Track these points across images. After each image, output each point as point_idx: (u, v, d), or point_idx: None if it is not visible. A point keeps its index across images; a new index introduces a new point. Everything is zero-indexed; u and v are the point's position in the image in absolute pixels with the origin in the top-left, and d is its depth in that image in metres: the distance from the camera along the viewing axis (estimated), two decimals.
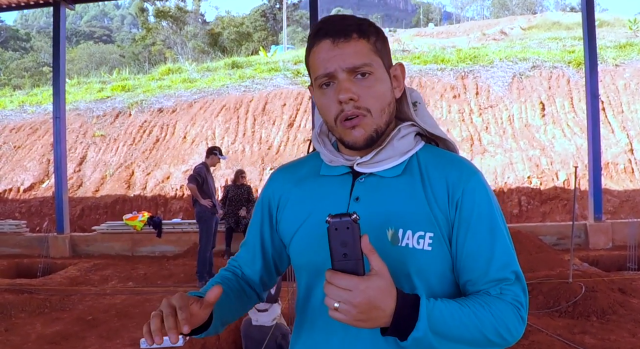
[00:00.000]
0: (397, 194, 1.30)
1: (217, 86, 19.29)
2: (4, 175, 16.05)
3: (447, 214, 1.28)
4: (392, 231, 1.26)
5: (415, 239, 1.25)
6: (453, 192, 1.29)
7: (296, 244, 1.38)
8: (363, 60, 1.27)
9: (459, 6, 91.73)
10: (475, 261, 1.27)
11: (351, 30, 1.28)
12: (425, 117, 1.41)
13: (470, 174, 1.31)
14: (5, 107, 20.65)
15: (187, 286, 8.32)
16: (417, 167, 1.33)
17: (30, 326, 6.41)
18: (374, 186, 1.32)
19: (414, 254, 1.25)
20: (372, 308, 1.09)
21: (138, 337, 5.71)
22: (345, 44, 1.27)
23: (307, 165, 1.46)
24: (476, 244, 1.27)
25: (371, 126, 1.29)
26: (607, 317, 5.79)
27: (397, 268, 1.22)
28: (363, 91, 1.27)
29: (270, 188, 1.49)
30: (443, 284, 1.30)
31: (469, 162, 1.37)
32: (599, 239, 9.86)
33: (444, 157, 1.36)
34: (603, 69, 16.27)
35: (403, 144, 1.34)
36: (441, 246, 1.27)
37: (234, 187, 10.78)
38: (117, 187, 14.95)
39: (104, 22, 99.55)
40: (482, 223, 1.28)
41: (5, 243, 11.35)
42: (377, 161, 1.32)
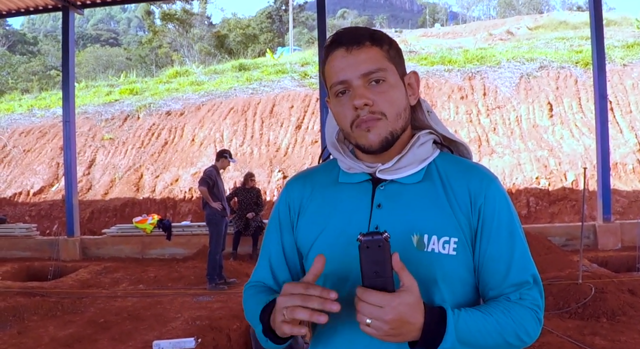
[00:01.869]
0: (420, 200, 1.32)
1: (225, 89, 19.34)
2: (14, 179, 16.15)
3: (470, 220, 1.30)
4: (418, 237, 1.28)
5: (441, 244, 1.27)
6: (475, 198, 1.31)
7: (315, 252, 1.33)
8: (377, 66, 1.29)
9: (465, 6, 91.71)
10: (496, 266, 1.30)
11: (364, 38, 1.30)
12: (439, 125, 1.43)
13: (490, 181, 1.34)
14: (14, 111, 20.76)
15: (197, 288, 8.37)
16: (436, 174, 1.35)
17: (43, 329, 6.46)
18: (395, 192, 1.33)
19: (440, 259, 1.27)
20: (403, 323, 1.12)
21: (150, 339, 5.75)
22: (358, 51, 1.29)
23: (323, 173, 1.47)
24: (497, 250, 1.30)
25: (386, 129, 1.30)
26: (617, 318, 5.79)
27: (424, 273, 1.25)
28: (378, 97, 1.29)
29: (289, 195, 1.48)
30: (465, 289, 1.33)
31: (486, 168, 1.40)
32: (608, 240, 9.84)
33: (462, 164, 1.39)
34: (611, 69, 16.22)
35: (422, 151, 1.36)
36: (465, 251, 1.30)
37: (243, 191, 10.82)
38: (126, 190, 15.02)
39: (111, 25, 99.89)
40: (502, 229, 1.31)
41: (16, 246, 11.43)
42: (399, 167, 1.34)
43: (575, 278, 6.68)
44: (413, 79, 1.40)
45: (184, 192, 14.64)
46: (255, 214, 10.58)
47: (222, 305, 7.13)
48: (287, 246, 1.46)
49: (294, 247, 1.46)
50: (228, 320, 6.44)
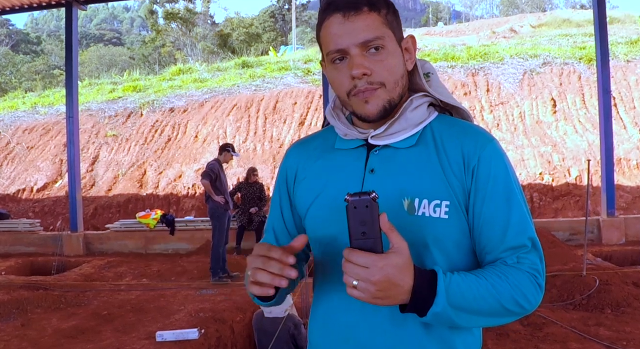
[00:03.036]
0: (412, 164, 1.30)
1: (228, 85, 19.37)
2: (18, 175, 16.19)
3: (463, 182, 1.28)
4: (408, 201, 1.26)
5: (432, 207, 1.25)
6: (469, 160, 1.28)
7: (311, 216, 1.39)
8: (375, 34, 1.26)
9: (468, 5, 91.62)
10: (492, 229, 1.27)
11: (362, 3, 1.26)
12: (439, 88, 1.41)
13: (486, 142, 1.31)
14: (18, 108, 20.82)
15: (201, 282, 8.37)
16: (431, 137, 1.33)
17: (46, 321, 6.47)
18: (388, 157, 1.33)
19: (431, 222, 1.25)
20: (390, 285, 1.10)
21: (153, 331, 5.75)
22: (356, 17, 1.26)
23: (321, 139, 1.47)
24: (492, 212, 1.27)
25: (384, 98, 1.29)
26: (621, 309, 5.79)
27: (415, 238, 1.23)
28: (376, 65, 1.27)
29: (287, 163, 1.49)
30: (460, 253, 1.30)
31: (483, 129, 1.37)
32: (612, 235, 9.83)
33: (458, 126, 1.35)
34: (614, 65, 16.21)
35: (416, 115, 1.34)
36: (458, 214, 1.27)
37: (246, 185, 10.82)
38: (130, 186, 15.04)
39: (114, 24, 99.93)
40: (498, 190, 1.28)
41: (20, 242, 11.45)
42: (391, 132, 1.32)
43: (579, 271, 6.68)
44: (410, 43, 1.37)
45: (187, 188, 14.65)
46: (259, 209, 10.58)
47: (226, 298, 7.13)
48: (285, 213, 1.49)
49: (291, 214, 1.48)
50: (231, 312, 6.44)
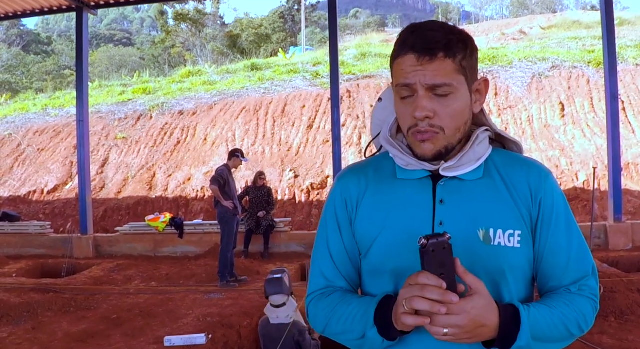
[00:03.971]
0: (482, 195, 1.33)
1: (237, 88, 19.45)
2: (29, 177, 16.32)
3: (530, 212, 1.33)
4: (484, 231, 1.29)
5: (507, 237, 1.30)
6: (536, 192, 1.34)
7: (378, 249, 1.35)
8: (444, 81, 1.25)
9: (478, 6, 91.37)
10: (556, 258, 1.34)
11: (438, 48, 1.25)
12: (491, 122, 1.45)
13: (547, 175, 1.38)
14: (29, 110, 20.95)
15: (208, 285, 8.44)
16: (494, 169, 1.37)
17: (57, 324, 6.57)
18: (456, 188, 1.34)
19: (507, 252, 1.30)
20: (478, 327, 1.15)
21: (162, 335, 5.83)
22: (429, 64, 1.24)
23: (376, 167, 1.45)
24: (557, 241, 1.34)
25: (442, 142, 1.30)
26: (625, 317, 5.81)
27: (493, 267, 1.29)
28: (440, 109, 1.27)
29: (345, 190, 1.44)
30: (525, 281, 1.36)
31: (540, 163, 1.42)
32: (619, 240, 9.82)
33: (518, 159, 1.41)
34: (623, 69, 16.19)
35: (481, 148, 1.37)
36: (527, 243, 1.33)
37: (254, 189, 10.89)
38: (139, 188, 15.13)
39: (124, 25, 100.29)
40: (560, 221, 1.35)
41: (30, 244, 11.57)
42: (460, 164, 1.34)
43: None
44: (483, 86, 1.37)
45: (196, 191, 14.73)
46: (267, 213, 10.64)
47: (233, 302, 7.20)
48: (347, 243, 1.43)
49: (354, 244, 1.42)
50: (239, 317, 6.51)
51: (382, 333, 1.25)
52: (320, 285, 1.44)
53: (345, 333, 1.35)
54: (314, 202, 13.73)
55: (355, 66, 20.32)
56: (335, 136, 10.80)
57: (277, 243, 10.88)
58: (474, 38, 1.34)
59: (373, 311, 1.27)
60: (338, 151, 10.74)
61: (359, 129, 16.13)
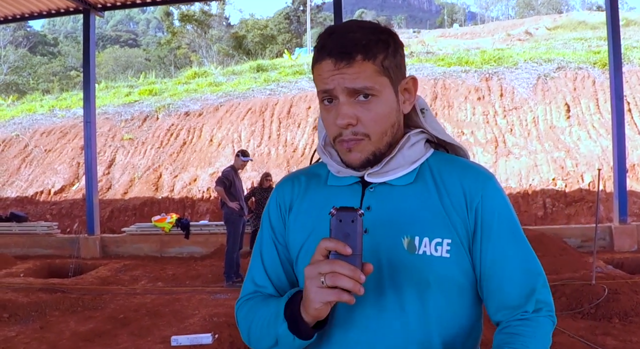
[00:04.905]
0: (411, 201, 1.25)
1: (243, 89, 19.50)
2: (36, 178, 16.41)
3: (465, 221, 1.23)
4: (408, 239, 1.21)
5: (433, 246, 1.20)
6: (471, 197, 1.24)
7: (305, 256, 1.29)
8: (364, 84, 1.19)
9: (484, 6, 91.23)
10: (503, 269, 1.24)
11: (355, 51, 1.19)
12: (434, 124, 1.36)
13: (486, 180, 1.27)
14: (36, 111, 21.06)
15: (214, 286, 8.49)
16: (429, 174, 1.28)
17: (64, 324, 6.62)
18: (385, 194, 1.27)
19: (433, 261, 1.20)
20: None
21: (168, 335, 5.88)
22: (347, 68, 1.19)
23: (312, 175, 1.40)
24: (501, 251, 1.24)
25: (369, 149, 1.24)
26: (629, 319, 5.82)
27: (417, 277, 1.20)
28: (363, 114, 1.21)
29: (279, 196, 1.41)
30: (462, 295, 1.26)
31: (482, 167, 1.33)
32: (624, 242, 9.83)
33: (456, 163, 1.32)
34: (629, 70, 16.17)
35: (413, 152, 1.29)
36: (460, 253, 1.22)
37: (260, 190, 10.93)
38: (145, 189, 15.20)
39: (130, 26, 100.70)
40: (504, 229, 1.25)
41: (38, 244, 11.65)
42: (388, 170, 1.27)
43: (589, 279, 6.70)
44: (410, 84, 1.30)
45: (202, 192, 14.79)
46: None
47: None
48: (280, 250, 1.38)
49: (285, 247, 1.37)
50: None
51: (292, 329, 1.16)
52: (249, 290, 1.39)
53: (262, 339, 1.26)
54: None
55: None
56: None
57: None
58: (396, 33, 1.27)
59: (283, 304, 1.19)
60: None
61: None
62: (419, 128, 1.34)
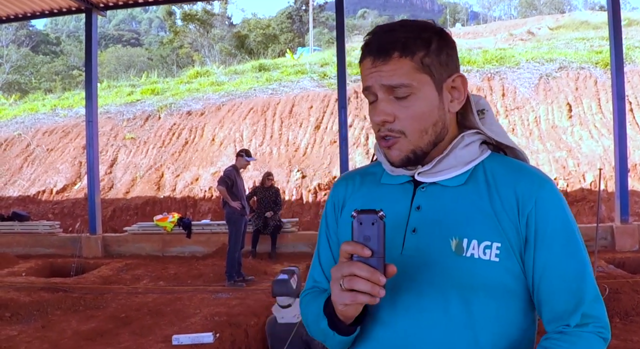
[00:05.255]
0: (461, 203, 1.23)
1: (245, 89, 19.50)
2: (38, 177, 16.44)
3: (517, 226, 1.20)
4: (457, 241, 1.19)
5: (482, 249, 1.18)
6: (524, 202, 1.20)
7: None
8: (401, 81, 1.19)
9: (486, 6, 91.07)
10: (552, 280, 1.20)
11: (393, 48, 1.19)
12: (493, 126, 1.32)
13: (542, 184, 1.23)
14: (38, 110, 21.09)
15: (216, 285, 8.50)
16: (482, 176, 1.26)
17: (66, 323, 6.64)
18: (436, 195, 1.26)
19: (481, 265, 1.18)
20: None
21: (170, 334, 5.89)
22: (383, 65, 1.20)
23: (369, 173, 1.40)
24: (553, 261, 1.19)
25: (407, 147, 1.23)
26: (630, 318, 5.83)
27: (463, 280, 1.18)
28: (401, 112, 1.21)
29: (334, 195, 1.43)
30: (512, 300, 1.22)
31: (539, 171, 1.29)
32: (626, 242, 9.81)
33: (512, 166, 1.28)
34: (631, 70, 16.16)
35: (467, 152, 1.27)
36: (510, 257, 1.19)
37: (262, 190, 10.94)
38: (147, 189, 15.22)
39: (132, 25, 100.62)
40: (558, 237, 1.20)
41: (40, 243, 11.67)
42: (439, 170, 1.26)
43: None
44: (458, 82, 1.27)
45: (204, 191, 14.80)
46: (274, 213, 10.70)
47: (240, 302, 7.26)
48: (334, 248, 1.40)
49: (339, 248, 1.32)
50: (246, 316, 6.57)
51: (331, 325, 1.20)
52: (308, 285, 1.44)
53: (315, 333, 1.32)
54: (321, 202, 13.77)
55: None
56: (342, 136, 10.84)
57: (284, 243, 10.94)
58: (446, 32, 1.27)
59: (323, 301, 1.23)
60: (345, 152, 10.78)
61: (366, 129, 16.16)
62: (474, 129, 1.31)
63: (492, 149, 1.33)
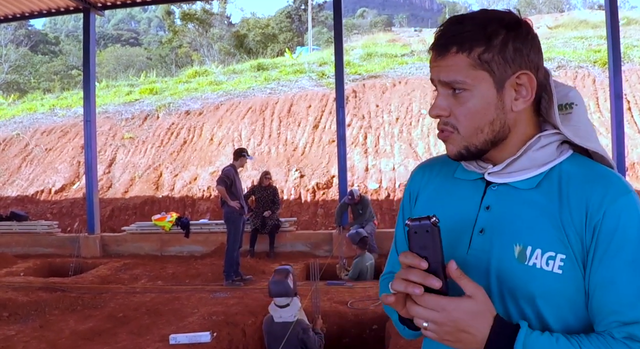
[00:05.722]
0: (530, 207, 1.17)
1: (243, 88, 19.51)
2: (36, 177, 16.43)
3: (582, 237, 1.12)
4: (520, 247, 1.15)
5: (545, 259, 1.12)
6: (592, 213, 1.12)
7: None
8: (454, 78, 1.17)
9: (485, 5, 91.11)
10: (605, 295, 1.10)
11: (450, 43, 1.17)
12: (580, 123, 1.24)
13: (619, 194, 1.13)
14: (37, 110, 21.09)
15: (214, 284, 8.51)
16: (557, 181, 1.18)
17: (64, 322, 6.65)
18: (506, 196, 1.21)
19: (542, 276, 1.12)
20: (458, 330, 1.05)
21: (167, 333, 5.90)
22: (441, 60, 1.19)
23: (444, 164, 1.37)
24: (610, 275, 1.10)
25: (460, 143, 1.21)
26: None
27: (521, 288, 1.14)
28: (456, 108, 1.19)
29: (410, 183, 1.43)
30: (577, 312, 1.15)
31: (622, 179, 1.18)
32: None
33: (591, 172, 1.18)
34: (629, 69, 16.18)
35: (543, 154, 1.21)
36: (574, 270, 1.12)
37: (260, 189, 10.95)
38: (146, 188, 15.22)
39: (131, 25, 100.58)
40: (621, 251, 1.10)
41: (38, 243, 11.67)
42: (511, 171, 1.21)
43: None
44: (525, 80, 1.18)
45: (203, 190, 14.81)
46: (272, 212, 10.71)
47: (238, 301, 7.27)
48: None
49: None
50: (244, 316, 6.58)
51: (401, 320, 1.21)
52: (385, 270, 1.48)
53: (394, 322, 1.33)
54: (319, 202, 13.78)
55: (362, 66, 20.37)
56: (340, 135, 10.86)
57: (282, 242, 10.95)
58: (523, 24, 1.20)
59: None
60: (343, 151, 10.80)
61: (364, 129, 16.17)
62: (553, 129, 1.23)
63: (576, 150, 1.24)
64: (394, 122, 16.07)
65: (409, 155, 14.78)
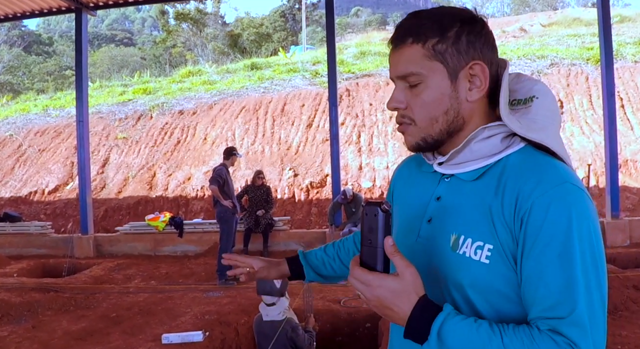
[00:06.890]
0: (470, 198, 1.19)
1: (237, 88, 19.48)
2: (29, 178, 16.39)
3: (511, 228, 1.11)
4: (455, 237, 1.18)
5: (473, 249, 1.14)
6: (521, 204, 1.10)
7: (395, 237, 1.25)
8: (409, 70, 1.20)
9: (479, 3, 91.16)
10: (532, 288, 1.09)
11: (408, 35, 1.19)
12: (537, 116, 1.22)
13: (552, 185, 1.10)
14: (30, 111, 21.02)
15: (207, 284, 8.51)
16: (499, 173, 1.18)
17: (57, 323, 6.64)
18: (454, 187, 1.24)
19: (469, 264, 1.14)
20: (382, 306, 1.09)
21: (160, 333, 5.90)
22: (396, 52, 1.22)
23: (420, 158, 1.38)
24: (537, 269, 1.08)
25: (417, 134, 1.24)
26: (619, 313, 5.86)
27: (451, 276, 1.18)
28: (412, 100, 1.22)
29: (393, 179, 1.50)
30: (507, 304, 1.14)
31: (558, 169, 1.15)
32: (617, 237, 9.86)
33: (533, 162, 1.16)
34: (622, 66, 16.22)
35: (485, 146, 1.21)
36: (503, 261, 1.12)
37: (253, 188, 10.94)
38: (140, 188, 15.20)
39: (125, 25, 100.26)
40: (549, 245, 1.07)
41: (32, 244, 11.65)
42: (456, 162, 1.24)
43: None
44: (477, 70, 1.20)
45: (196, 190, 14.79)
46: (265, 211, 10.70)
47: (231, 300, 7.27)
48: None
49: None
50: (236, 315, 6.58)
51: None
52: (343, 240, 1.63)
53: None
54: (313, 200, 13.78)
55: (355, 65, 20.35)
56: (333, 134, 10.87)
57: (276, 242, 10.94)
58: (478, 19, 1.22)
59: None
60: (336, 150, 10.81)
61: (358, 127, 16.18)
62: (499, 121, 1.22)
63: (531, 143, 1.21)
64: (388, 120, 16.06)
65: (402, 153, 14.78)
